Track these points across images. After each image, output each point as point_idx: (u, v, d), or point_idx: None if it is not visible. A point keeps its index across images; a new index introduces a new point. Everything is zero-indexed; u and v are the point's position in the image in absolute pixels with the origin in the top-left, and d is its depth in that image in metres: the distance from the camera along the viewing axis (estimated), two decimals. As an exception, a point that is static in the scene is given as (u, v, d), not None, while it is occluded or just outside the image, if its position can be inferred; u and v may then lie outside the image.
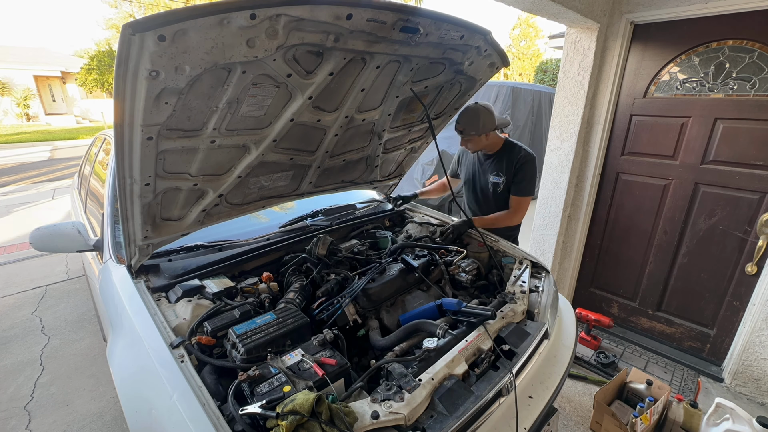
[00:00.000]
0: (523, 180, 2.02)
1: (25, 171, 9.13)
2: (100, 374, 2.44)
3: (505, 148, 2.08)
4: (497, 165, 2.09)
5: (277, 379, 0.99)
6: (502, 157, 2.07)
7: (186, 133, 1.17)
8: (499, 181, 2.08)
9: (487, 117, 1.93)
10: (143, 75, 0.90)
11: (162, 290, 1.43)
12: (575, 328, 1.63)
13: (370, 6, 1.07)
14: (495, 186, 2.11)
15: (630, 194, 2.62)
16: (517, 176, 2.02)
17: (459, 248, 1.92)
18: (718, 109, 2.19)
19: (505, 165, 2.05)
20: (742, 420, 1.68)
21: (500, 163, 2.07)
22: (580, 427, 2.02)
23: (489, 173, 2.12)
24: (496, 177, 2.09)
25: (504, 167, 2.06)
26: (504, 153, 2.07)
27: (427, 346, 1.19)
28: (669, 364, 2.53)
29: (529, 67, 25.83)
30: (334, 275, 1.62)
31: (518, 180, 2.02)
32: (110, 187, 1.89)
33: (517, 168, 2.02)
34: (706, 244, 2.38)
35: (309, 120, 1.46)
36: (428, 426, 0.98)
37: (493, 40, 1.48)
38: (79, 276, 3.81)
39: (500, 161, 2.08)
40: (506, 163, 2.05)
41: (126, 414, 1.10)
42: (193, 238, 1.66)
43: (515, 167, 2.02)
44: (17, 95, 18.91)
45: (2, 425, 2.07)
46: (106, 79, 18.40)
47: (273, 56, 1.08)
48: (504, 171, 2.06)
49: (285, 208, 2.34)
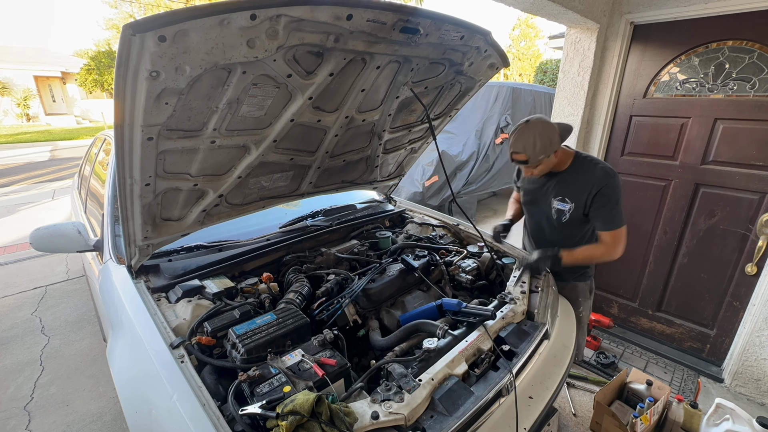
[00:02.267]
0: (612, 208, 1.58)
1: (26, 171, 9.13)
2: (100, 374, 2.44)
3: (575, 166, 1.65)
4: (563, 188, 1.67)
5: (277, 380, 0.99)
6: (570, 178, 1.65)
7: (186, 134, 1.17)
8: (565, 208, 1.66)
9: (551, 131, 1.53)
10: (143, 75, 0.91)
11: (162, 290, 1.43)
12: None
13: (370, 6, 1.07)
14: (560, 213, 1.69)
15: (630, 195, 2.62)
16: (603, 204, 1.58)
17: (459, 248, 1.93)
18: (718, 109, 2.19)
19: (575, 188, 1.63)
20: (742, 420, 1.67)
21: (567, 185, 1.66)
22: (580, 427, 2.02)
23: (552, 197, 1.70)
24: (562, 203, 1.67)
25: (574, 191, 1.64)
26: (572, 172, 1.65)
27: (427, 346, 1.19)
28: (669, 364, 2.53)
29: (529, 68, 25.84)
30: (334, 275, 1.62)
31: (606, 209, 1.58)
32: (110, 187, 1.89)
33: (597, 194, 1.57)
34: (706, 244, 2.38)
35: (309, 120, 1.46)
36: (428, 426, 0.98)
37: (493, 41, 1.48)
38: (79, 276, 3.81)
39: (567, 182, 1.66)
40: (577, 186, 1.63)
41: (126, 414, 1.10)
42: (193, 238, 1.66)
43: (594, 192, 1.58)
44: (17, 95, 18.91)
45: (2, 425, 2.07)
46: (106, 80, 18.40)
47: (273, 57, 1.08)
48: (573, 196, 1.63)
49: (290, 205, 2.30)
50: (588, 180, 1.60)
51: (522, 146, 1.53)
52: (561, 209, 1.68)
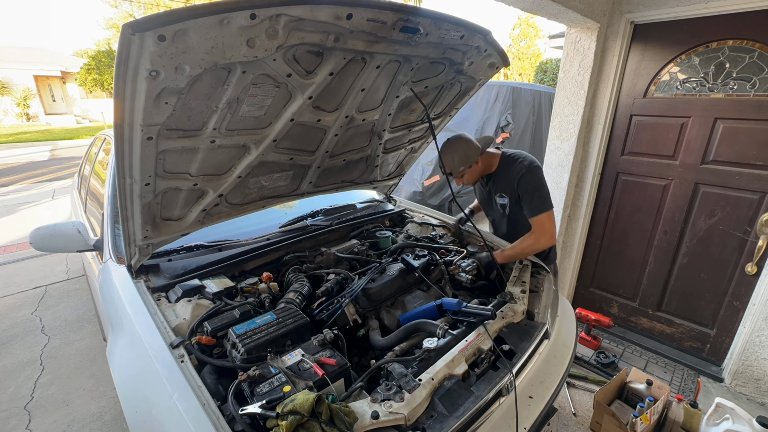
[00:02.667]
0: (531, 196, 1.74)
1: (26, 171, 9.13)
2: (100, 374, 2.44)
3: (502, 164, 1.86)
4: (499, 185, 1.88)
5: (277, 379, 0.99)
6: (500, 175, 1.87)
7: (186, 133, 1.17)
8: (504, 201, 1.87)
9: (467, 146, 1.77)
10: (143, 75, 0.90)
11: (162, 290, 1.43)
12: (575, 328, 1.63)
13: (370, 6, 1.07)
14: (503, 207, 1.90)
15: (630, 194, 2.62)
16: (524, 194, 1.76)
17: (459, 248, 1.93)
18: (718, 109, 2.19)
19: (505, 183, 1.84)
20: (742, 420, 1.68)
21: (501, 182, 1.86)
22: (580, 427, 2.02)
23: (494, 195, 1.92)
24: (501, 198, 1.88)
25: (505, 185, 1.84)
26: (501, 170, 1.86)
27: (427, 346, 1.19)
28: (669, 364, 2.53)
29: (529, 67, 25.81)
30: (334, 275, 1.62)
31: (526, 198, 1.76)
32: (110, 187, 1.89)
33: (519, 186, 1.77)
34: (706, 244, 2.37)
35: (309, 120, 1.46)
36: (428, 426, 0.98)
37: (493, 40, 1.48)
38: (79, 276, 3.81)
39: (500, 179, 1.87)
40: (506, 181, 1.83)
41: (126, 414, 1.10)
42: (193, 238, 1.66)
43: (516, 185, 1.78)
44: (17, 95, 18.91)
45: (2, 425, 2.07)
46: (106, 79, 18.38)
47: (273, 56, 1.08)
48: (507, 190, 1.84)
49: (288, 206, 2.32)
50: (512, 173, 1.80)
51: (444, 161, 1.80)
52: (503, 203, 1.90)
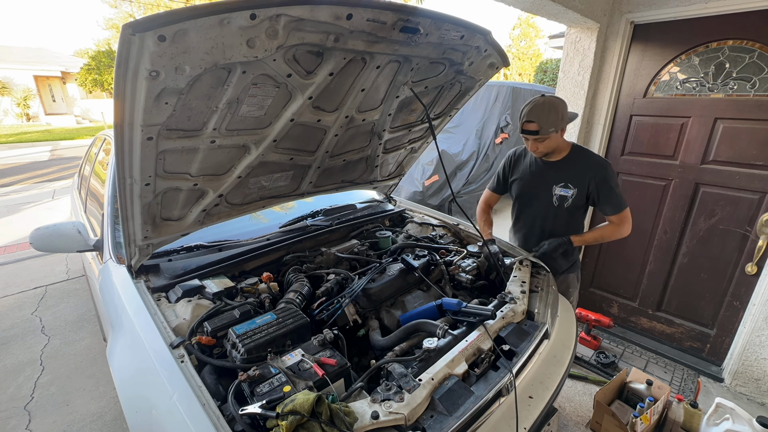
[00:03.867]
0: (615, 194, 1.70)
1: (26, 171, 9.13)
2: (100, 374, 2.44)
3: (574, 154, 1.76)
4: (564, 175, 1.76)
5: (277, 379, 0.99)
6: (570, 165, 1.75)
7: (186, 133, 1.17)
8: (567, 194, 1.75)
9: (565, 108, 1.64)
10: (143, 75, 0.90)
11: (162, 290, 1.43)
12: (575, 328, 1.63)
13: (370, 6, 1.07)
14: (562, 199, 1.78)
15: (630, 194, 2.62)
16: (604, 189, 1.70)
17: (459, 248, 1.93)
18: (718, 109, 2.19)
19: (576, 175, 1.73)
20: (742, 420, 1.68)
21: (569, 172, 1.75)
22: (580, 427, 2.02)
23: (554, 184, 1.79)
24: (564, 189, 1.76)
25: (576, 177, 1.73)
26: (572, 159, 1.75)
27: (427, 346, 1.19)
28: (669, 364, 2.53)
29: (529, 67, 25.81)
30: (334, 275, 1.62)
31: (608, 193, 1.70)
32: (110, 187, 1.89)
33: (600, 182, 1.69)
34: (706, 244, 2.37)
35: (309, 120, 1.46)
36: (428, 426, 0.97)
37: (493, 40, 1.48)
38: (79, 276, 3.81)
39: (568, 169, 1.75)
40: (578, 172, 1.73)
41: (126, 414, 1.10)
42: (193, 238, 1.66)
43: (596, 181, 1.69)
44: (17, 95, 18.90)
45: (2, 425, 2.07)
46: (106, 79, 18.36)
47: (273, 56, 1.08)
48: (575, 182, 1.74)
49: (286, 207, 2.33)
50: (588, 167, 1.72)
51: (536, 116, 1.61)
52: (564, 195, 1.77)
